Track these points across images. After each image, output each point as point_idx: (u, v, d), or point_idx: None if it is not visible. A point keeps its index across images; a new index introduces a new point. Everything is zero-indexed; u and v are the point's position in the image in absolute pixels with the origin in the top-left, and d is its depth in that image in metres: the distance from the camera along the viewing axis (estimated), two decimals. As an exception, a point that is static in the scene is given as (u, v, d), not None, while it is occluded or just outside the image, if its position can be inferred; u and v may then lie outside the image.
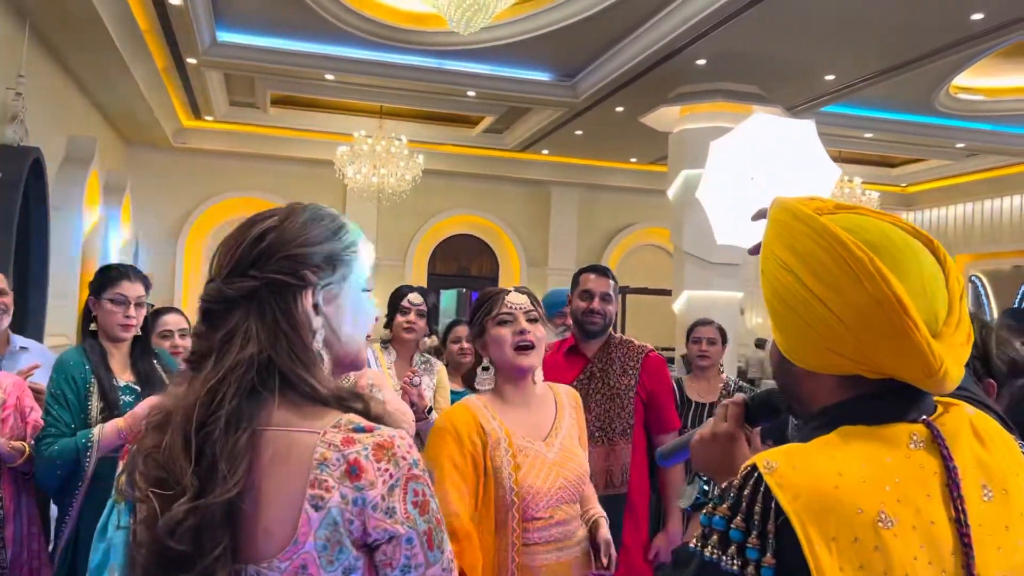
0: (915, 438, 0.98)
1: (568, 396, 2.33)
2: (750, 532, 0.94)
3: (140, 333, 2.92)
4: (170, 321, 3.51)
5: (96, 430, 2.64)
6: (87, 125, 9.09)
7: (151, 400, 2.66)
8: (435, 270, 13.86)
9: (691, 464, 1.30)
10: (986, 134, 10.90)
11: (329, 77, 9.39)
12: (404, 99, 10.40)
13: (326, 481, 1.05)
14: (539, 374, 2.25)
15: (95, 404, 2.72)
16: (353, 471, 1.05)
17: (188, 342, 3.47)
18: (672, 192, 9.39)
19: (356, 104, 11.07)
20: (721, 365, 4.11)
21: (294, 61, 8.97)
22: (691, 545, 1.00)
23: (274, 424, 1.09)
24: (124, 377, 2.85)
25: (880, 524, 0.92)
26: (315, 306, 1.16)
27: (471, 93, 9.66)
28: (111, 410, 2.71)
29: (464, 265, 14.17)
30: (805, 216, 1.02)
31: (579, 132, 11.25)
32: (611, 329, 3.22)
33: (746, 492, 0.96)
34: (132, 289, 2.86)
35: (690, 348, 4.02)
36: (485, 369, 2.20)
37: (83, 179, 7.93)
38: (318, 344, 1.16)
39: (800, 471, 0.95)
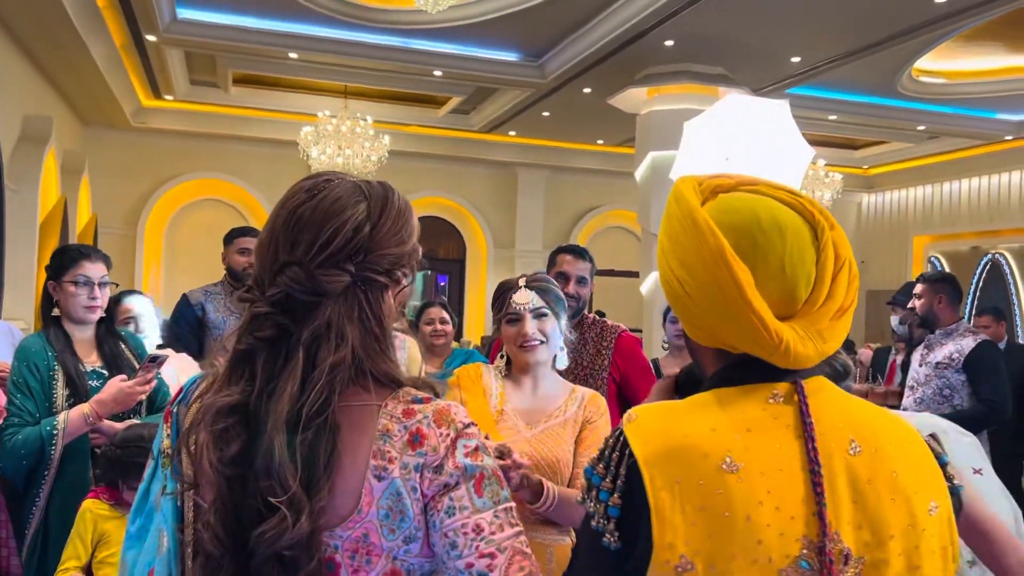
0: (776, 393, 1.05)
1: (589, 403, 2.31)
2: (606, 476, 1.03)
3: (104, 315, 2.85)
4: (130, 306, 3.44)
5: (61, 418, 2.57)
6: (43, 104, 8.84)
7: (117, 384, 2.60)
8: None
9: None
10: (947, 117, 11.06)
11: (293, 56, 9.23)
12: (369, 79, 10.27)
13: (389, 452, 1.06)
14: (560, 362, 2.33)
15: (60, 391, 2.65)
16: (416, 439, 1.07)
17: (143, 327, 3.42)
18: (639, 174, 9.40)
19: (320, 84, 10.91)
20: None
21: (256, 39, 8.79)
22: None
23: (343, 401, 1.08)
24: (90, 361, 2.78)
25: (724, 468, 0.98)
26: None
27: (437, 73, 9.57)
28: (79, 397, 2.64)
29: (431, 247, 14.08)
30: (682, 201, 1.09)
31: (546, 113, 11.21)
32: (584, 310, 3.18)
33: (610, 442, 1.06)
34: (94, 269, 2.77)
35: (667, 328, 4.02)
36: (501, 356, 2.31)
37: (39, 159, 7.73)
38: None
39: (655, 421, 1.04)
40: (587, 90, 9.89)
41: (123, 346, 2.89)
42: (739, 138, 3.47)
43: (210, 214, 12.07)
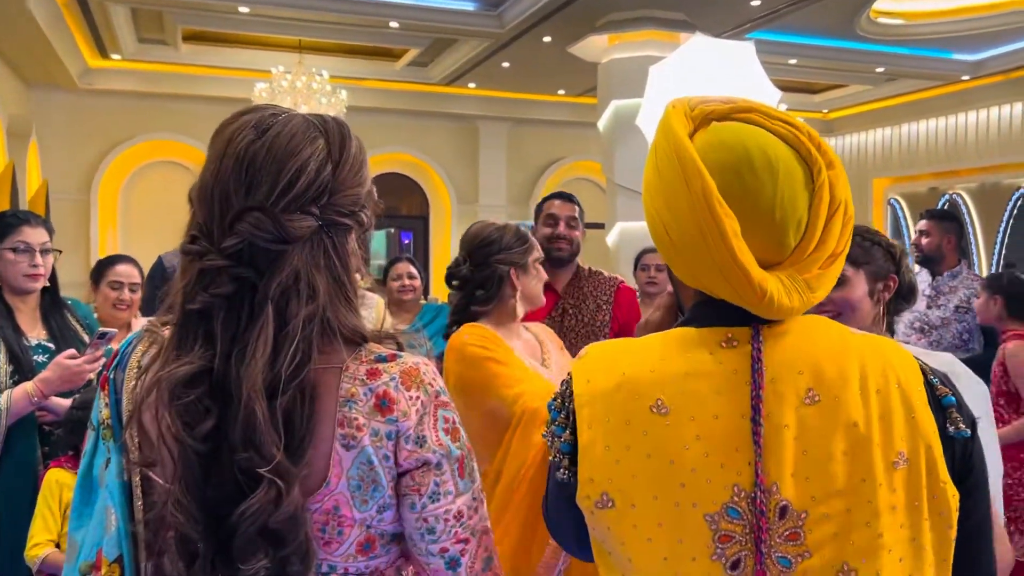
0: (730, 338, 1.01)
1: (546, 333, 2.45)
2: (561, 411, 1.05)
3: (49, 284, 2.70)
4: (121, 271, 3.27)
5: (3, 397, 2.41)
6: (-18, 66, 8.51)
7: (64, 361, 2.47)
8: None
9: None
10: (904, 58, 11.11)
11: (244, 10, 8.95)
12: (324, 32, 10.02)
13: (356, 419, 0.98)
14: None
15: (3, 367, 2.50)
16: (383, 404, 0.99)
17: (138, 296, 3.27)
18: (602, 124, 9.33)
19: (273, 39, 10.63)
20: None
21: (205, -7, 8.52)
22: None
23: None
24: (35, 335, 2.63)
25: (653, 410, 0.97)
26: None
27: (394, 24, 9.36)
28: (23, 373, 2.49)
29: (393, 204, 13.93)
30: (670, 134, 1.02)
31: (506, 64, 11.05)
32: (579, 260, 3.13)
33: (565, 378, 1.08)
34: (34, 235, 2.60)
35: (638, 276, 4.02)
36: (517, 299, 2.37)
37: (-18, 124, 7.45)
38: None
39: (600, 359, 1.05)
40: (547, 39, 9.75)
41: (70, 317, 2.75)
42: (705, 81, 3.43)
43: (166, 176, 11.78)
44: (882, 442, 0.97)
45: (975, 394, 1.75)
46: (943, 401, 1.03)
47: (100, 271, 3.25)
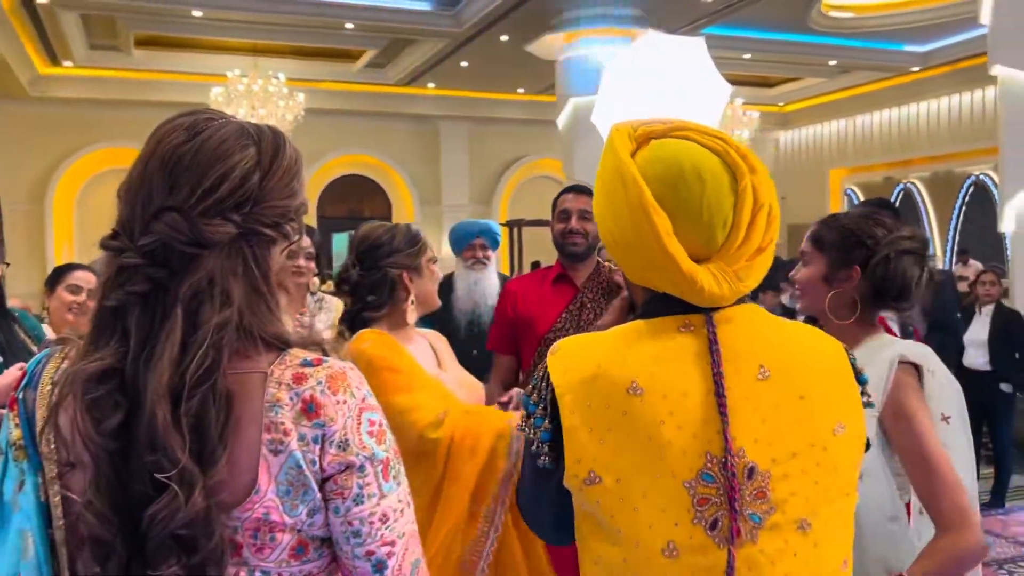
0: (688, 323, 1.14)
1: (440, 341, 2.42)
2: (540, 403, 1.15)
3: None
4: (80, 277, 3.23)
5: None
6: (-72, 75, 8.33)
7: (14, 373, 2.42)
8: (325, 213, 13.51)
9: None
10: (856, 51, 11.31)
11: (197, 14, 8.87)
12: (279, 34, 9.96)
13: (282, 424, 0.97)
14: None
15: None
16: (310, 408, 0.98)
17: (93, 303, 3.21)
18: (561, 121, 9.37)
19: (228, 42, 10.53)
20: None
21: (157, -3, 8.41)
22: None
23: (230, 368, 0.98)
24: None
25: (629, 392, 1.09)
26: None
27: (349, 25, 9.32)
28: None
29: (355, 206, 13.87)
30: (612, 152, 1.18)
31: (464, 64, 11.05)
32: (597, 254, 3.07)
33: (539, 372, 1.17)
34: None
35: None
36: (412, 303, 2.27)
37: (-70, 135, 7.29)
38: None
39: (573, 352, 1.15)
40: (504, 38, 9.77)
41: (18, 329, 2.71)
42: (658, 78, 3.47)
43: (122, 184, 11.62)
44: (825, 412, 1.12)
45: (947, 391, 1.74)
46: (860, 379, 1.19)
47: (57, 276, 3.20)
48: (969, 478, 1.70)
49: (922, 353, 1.71)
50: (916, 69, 11.96)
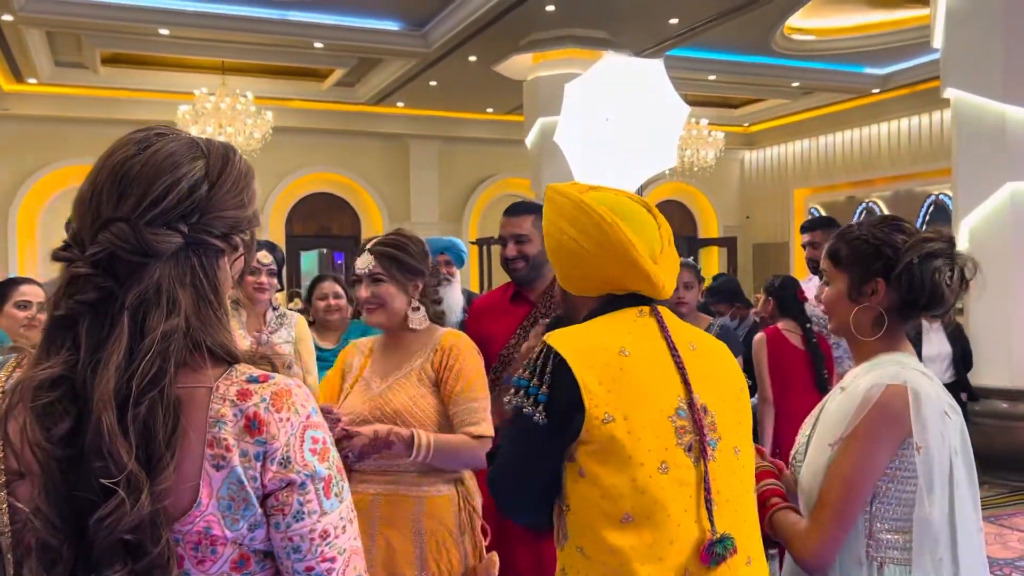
0: (641, 312, 1.56)
1: (440, 349, 2.35)
2: (533, 378, 1.46)
3: None
4: (28, 292, 3.22)
5: None
6: None
7: None
8: (293, 231, 13.47)
9: None
10: (818, 72, 11.54)
11: (164, 32, 8.85)
12: (247, 53, 9.96)
13: (225, 440, 0.99)
14: (413, 322, 2.35)
15: None
16: (253, 425, 1.00)
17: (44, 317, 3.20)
18: (530, 140, 9.46)
19: (195, 60, 10.51)
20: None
21: (123, 16, 8.39)
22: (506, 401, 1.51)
23: (175, 380, 1.00)
24: None
25: (621, 354, 1.48)
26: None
27: (318, 45, 9.35)
28: None
29: (324, 224, 13.84)
30: (570, 195, 1.58)
31: (434, 83, 11.12)
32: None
33: (537, 353, 1.49)
34: None
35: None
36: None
37: None
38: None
39: (568, 333, 1.52)
40: (472, 58, 9.86)
41: None
42: (617, 97, 3.54)
43: (87, 202, 11.50)
44: (734, 377, 1.61)
45: (936, 416, 1.61)
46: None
47: (3, 293, 3.19)
48: (945, 512, 1.61)
49: (917, 381, 1.62)
50: (876, 91, 12.22)
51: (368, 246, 2.36)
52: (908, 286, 1.64)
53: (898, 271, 1.64)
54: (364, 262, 2.31)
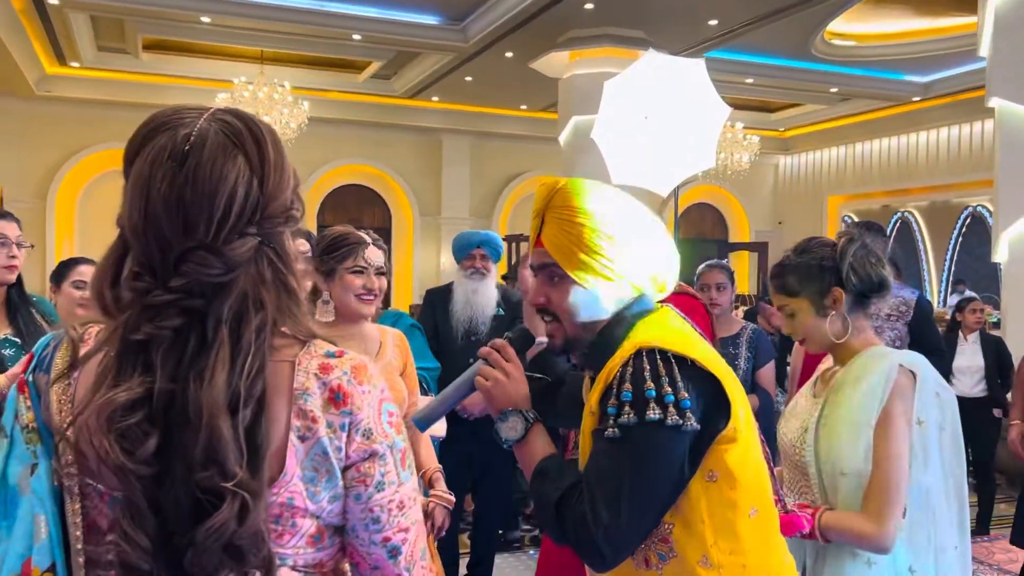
0: (660, 306, 1.55)
1: (393, 337, 2.56)
2: (659, 385, 1.33)
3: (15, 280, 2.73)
4: (85, 272, 3.27)
5: None
6: (-64, 71, 8.39)
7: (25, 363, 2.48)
8: (325, 222, 13.56)
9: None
10: (857, 79, 11.40)
11: (205, 20, 8.94)
12: (286, 43, 10.03)
13: (312, 411, 1.01)
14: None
15: None
16: (338, 397, 1.02)
17: None
18: (563, 138, 9.44)
19: (235, 49, 10.60)
20: (736, 305, 4.02)
21: (166, 2, 8.49)
22: (612, 428, 1.35)
23: None
24: (2, 330, 2.66)
25: (709, 347, 1.45)
26: None
27: (356, 36, 9.40)
28: None
29: (355, 216, 13.91)
30: (597, 188, 1.53)
31: (469, 78, 11.13)
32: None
33: (639, 363, 1.35)
34: (9, 228, 2.66)
35: (698, 296, 3.82)
36: (326, 302, 2.40)
37: (-64, 130, 7.34)
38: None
39: (671, 335, 1.41)
40: (509, 54, 9.85)
41: (36, 314, 2.77)
42: (657, 97, 3.52)
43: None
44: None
45: (929, 397, 1.85)
46: None
47: (62, 272, 3.24)
48: (939, 480, 1.88)
49: (916, 361, 1.86)
50: (917, 99, 12.06)
51: (371, 241, 2.46)
52: (858, 283, 1.87)
53: (846, 274, 1.87)
54: (376, 257, 2.43)
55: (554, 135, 9.98)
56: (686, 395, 1.33)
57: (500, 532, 4.63)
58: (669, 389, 1.32)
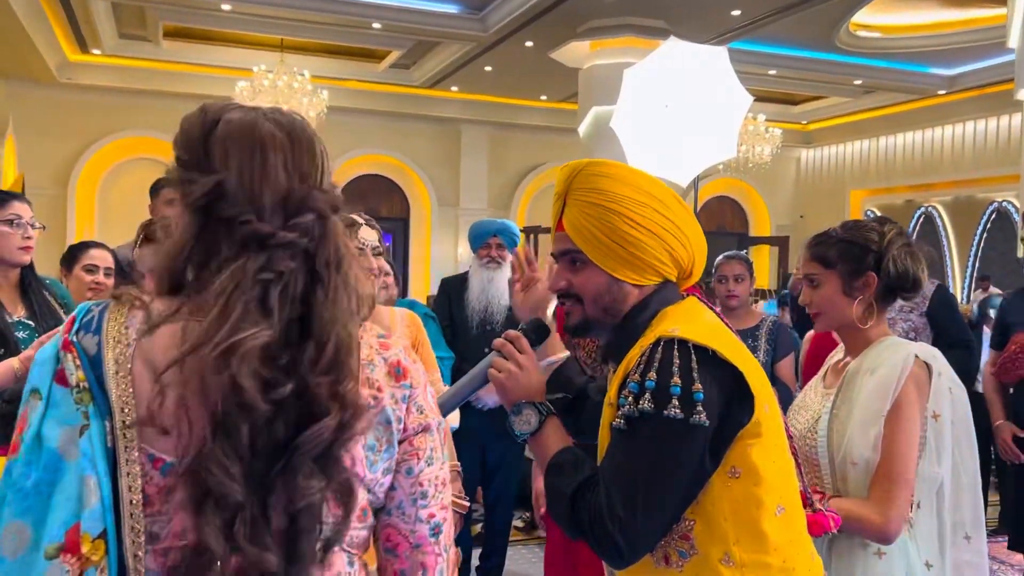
0: (688, 296, 1.48)
1: (403, 316, 2.52)
2: (671, 376, 1.28)
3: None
4: (96, 256, 3.28)
5: None
6: (-41, 57, 8.44)
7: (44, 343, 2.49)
8: (371, 221, 13.56)
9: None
10: (882, 71, 11.25)
11: (226, 7, 8.94)
12: (306, 32, 10.02)
13: (377, 381, 1.05)
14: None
15: None
16: (398, 371, 1.07)
17: (111, 282, 3.28)
18: (583, 129, 9.37)
19: (255, 37, 10.61)
20: (755, 298, 3.92)
21: (187, -11, 8.49)
22: (619, 418, 1.32)
23: None
24: (16, 312, 2.67)
25: (736, 337, 1.40)
26: None
27: (376, 25, 9.37)
28: (7, 349, 2.52)
29: (373, 206, 13.91)
30: (623, 173, 1.47)
31: (488, 68, 11.08)
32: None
33: (664, 355, 1.30)
34: (23, 209, 2.67)
35: (717, 288, 3.73)
36: None
37: (-42, 115, 7.39)
38: None
39: (692, 328, 1.34)
40: (529, 44, 9.79)
41: (49, 296, 2.77)
42: (678, 84, 3.46)
43: (145, 174, 11.59)
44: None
45: (953, 395, 1.87)
46: None
47: (73, 255, 3.24)
48: (949, 474, 1.89)
49: (932, 354, 1.85)
50: (942, 92, 11.88)
51: (364, 222, 2.42)
52: (896, 275, 1.85)
53: (886, 263, 1.85)
54: (371, 235, 2.40)
55: (573, 126, 9.91)
56: (700, 387, 1.27)
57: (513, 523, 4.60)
58: (679, 380, 1.27)
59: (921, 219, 13.53)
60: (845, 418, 1.82)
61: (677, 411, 1.26)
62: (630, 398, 1.30)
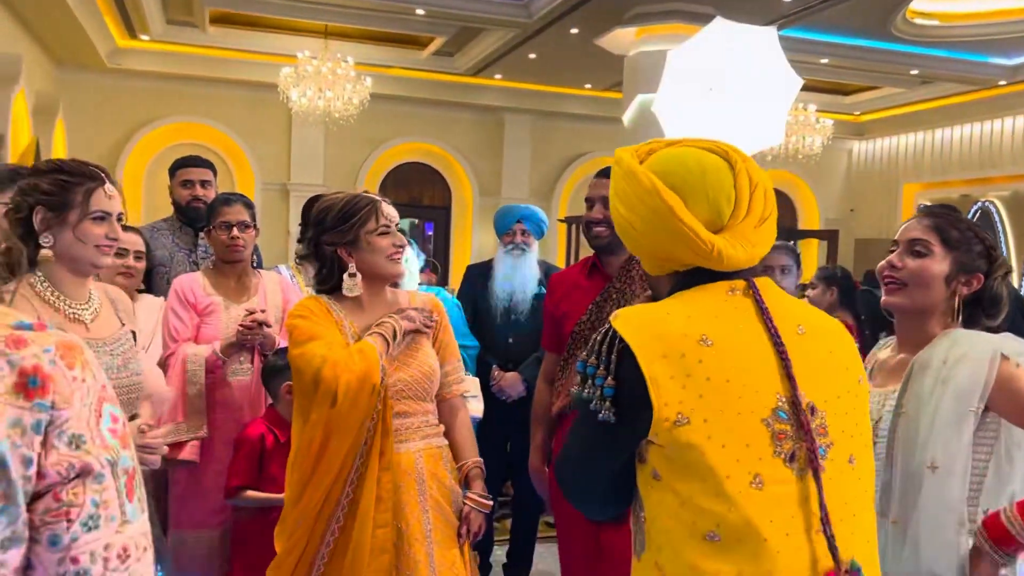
0: (733, 288, 1.33)
1: (423, 300, 2.44)
2: (599, 366, 1.27)
3: None
4: (126, 240, 3.25)
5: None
6: (11, 42, 8.55)
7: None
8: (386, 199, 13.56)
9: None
10: (940, 61, 10.87)
11: (270, -7, 8.95)
12: (350, 18, 9.99)
13: None
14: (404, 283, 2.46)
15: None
16: (32, 383, 0.70)
17: (142, 264, 3.29)
18: (627, 118, 9.20)
19: (300, 23, 10.61)
20: (802, 294, 3.95)
21: (232, -25, 8.50)
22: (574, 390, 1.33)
23: None
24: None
25: (702, 343, 1.24)
26: None
27: (420, 12, 9.30)
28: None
29: (416, 194, 13.89)
30: (623, 163, 1.39)
31: (532, 56, 10.96)
32: None
33: (599, 337, 1.29)
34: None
35: None
36: (352, 275, 2.26)
37: (7, 99, 7.49)
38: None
39: (637, 315, 1.30)
40: (574, 30, 9.65)
41: None
42: (724, 67, 3.32)
43: (190, 159, 11.82)
44: (850, 366, 1.36)
45: None
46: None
47: None
48: (1020, 484, 1.75)
49: (1018, 350, 1.75)
50: (1003, 83, 11.45)
51: (384, 200, 2.40)
52: (991, 294, 1.79)
53: (994, 278, 1.79)
54: (393, 212, 2.37)
55: (618, 115, 9.73)
56: (612, 383, 1.25)
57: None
58: (603, 372, 1.26)
59: (978, 214, 13.09)
60: (916, 418, 1.67)
61: (596, 402, 1.26)
62: (578, 379, 1.32)
